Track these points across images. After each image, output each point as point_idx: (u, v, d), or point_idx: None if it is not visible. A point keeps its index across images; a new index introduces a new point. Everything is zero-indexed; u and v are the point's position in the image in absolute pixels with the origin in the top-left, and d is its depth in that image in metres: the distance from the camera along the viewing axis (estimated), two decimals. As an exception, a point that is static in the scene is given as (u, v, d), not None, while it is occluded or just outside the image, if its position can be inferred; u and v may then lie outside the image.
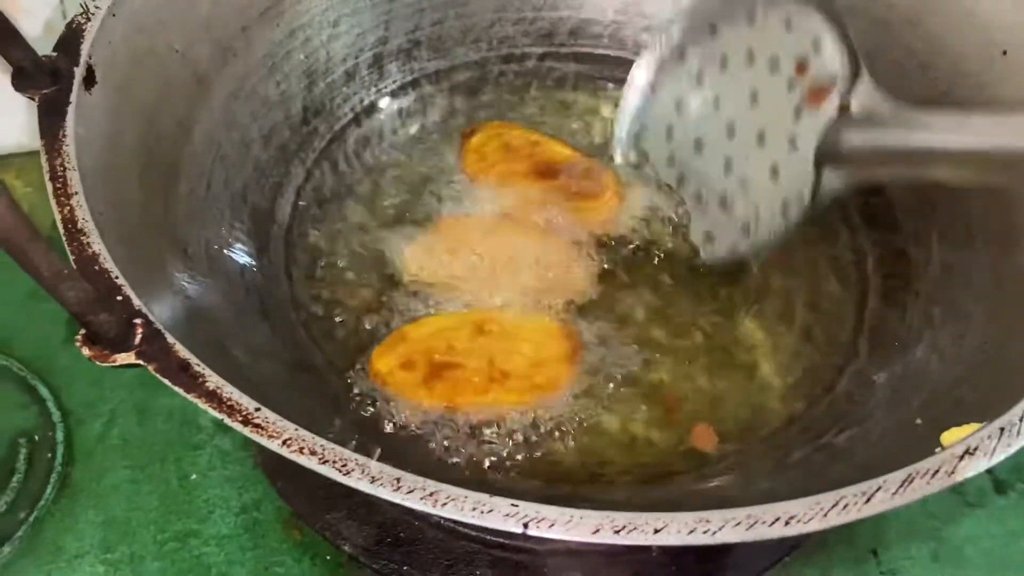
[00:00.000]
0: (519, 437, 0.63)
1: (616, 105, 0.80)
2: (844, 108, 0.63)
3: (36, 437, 0.72)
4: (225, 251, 0.67)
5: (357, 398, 0.64)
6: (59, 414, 0.73)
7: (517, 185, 0.76)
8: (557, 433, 0.63)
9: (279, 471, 0.69)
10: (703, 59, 0.73)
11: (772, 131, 0.68)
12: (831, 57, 0.64)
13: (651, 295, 0.70)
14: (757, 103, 0.69)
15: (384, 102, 0.85)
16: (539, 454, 0.62)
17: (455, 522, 0.65)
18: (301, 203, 0.76)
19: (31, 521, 0.68)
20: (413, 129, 0.84)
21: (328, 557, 0.67)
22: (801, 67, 0.66)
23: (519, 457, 0.62)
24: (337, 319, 0.69)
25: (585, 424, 0.64)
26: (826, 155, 0.63)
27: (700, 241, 0.73)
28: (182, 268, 0.59)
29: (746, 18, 0.70)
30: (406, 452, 0.61)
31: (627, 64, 0.86)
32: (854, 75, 0.62)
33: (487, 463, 0.62)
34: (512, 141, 0.80)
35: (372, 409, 0.63)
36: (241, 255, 0.68)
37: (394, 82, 0.86)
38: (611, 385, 0.65)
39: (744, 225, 0.70)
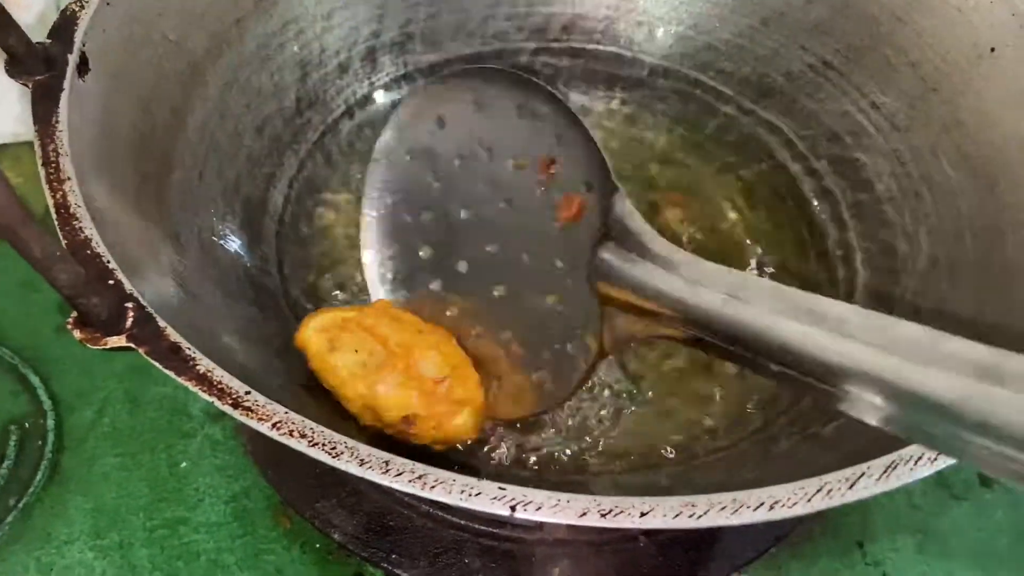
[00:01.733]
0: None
1: (608, 108, 0.80)
2: (607, 229, 0.56)
3: (27, 424, 0.72)
4: (217, 240, 0.67)
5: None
6: (50, 402, 0.73)
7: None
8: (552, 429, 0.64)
9: (269, 460, 0.70)
10: (437, 154, 0.66)
11: (538, 244, 0.61)
12: (575, 159, 0.59)
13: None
14: (514, 207, 0.63)
15: (377, 94, 0.85)
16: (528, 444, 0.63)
17: (444, 511, 0.66)
18: (294, 194, 0.77)
19: (21, 507, 0.68)
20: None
21: (317, 545, 0.67)
22: (547, 165, 0.60)
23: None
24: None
25: (571, 421, 0.64)
26: (598, 286, 0.57)
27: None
28: (174, 256, 0.59)
29: (472, 103, 0.63)
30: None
31: (620, 60, 0.87)
32: (608, 187, 0.57)
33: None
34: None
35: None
36: (233, 244, 0.68)
37: (387, 75, 0.86)
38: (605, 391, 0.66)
39: (539, 360, 0.62)
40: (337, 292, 0.70)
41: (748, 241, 0.74)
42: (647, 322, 0.54)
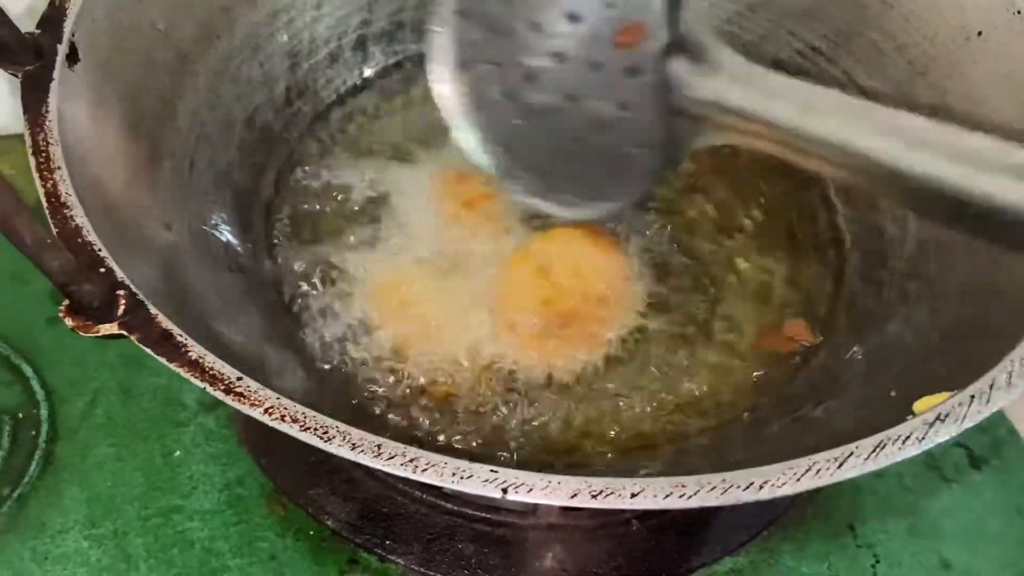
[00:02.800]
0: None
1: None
2: (676, 42, 0.58)
3: (20, 415, 0.72)
4: (209, 229, 0.67)
5: (340, 374, 0.65)
6: (43, 392, 0.73)
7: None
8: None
9: (263, 448, 0.70)
10: None
11: (603, 58, 0.62)
12: None
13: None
14: (578, 23, 0.63)
15: (368, 83, 0.85)
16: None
17: (437, 497, 0.67)
18: (284, 183, 0.77)
19: (15, 497, 0.68)
20: (397, 110, 0.84)
21: (311, 532, 0.67)
22: None
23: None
24: (319, 297, 0.69)
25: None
26: (670, 97, 0.59)
27: (578, 200, 0.68)
28: (166, 244, 0.60)
29: None
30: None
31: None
32: (672, 8, 0.58)
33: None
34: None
35: (356, 385, 0.64)
36: (224, 233, 0.68)
37: (377, 64, 0.86)
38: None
39: (606, 168, 0.65)
40: (328, 279, 0.70)
41: (740, 219, 0.75)
42: (718, 131, 0.57)
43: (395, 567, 0.66)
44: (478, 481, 0.39)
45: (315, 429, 0.41)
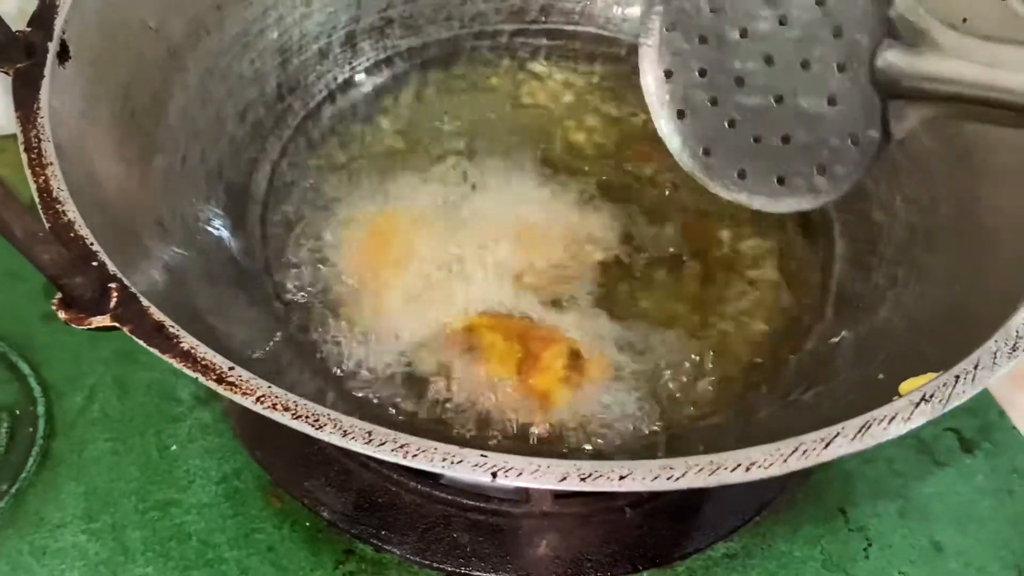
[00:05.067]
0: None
1: (588, 83, 0.82)
2: (889, 30, 0.59)
3: (17, 411, 0.72)
4: (201, 224, 0.67)
5: (332, 367, 0.66)
6: (40, 389, 0.73)
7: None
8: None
9: (258, 441, 0.70)
10: None
11: (815, 56, 0.64)
12: None
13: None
14: (788, 24, 0.65)
15: (358, 79, 0.86)
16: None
17: (432, 486, 0.67)
18: (276, 179, 0.77)
19: (13, 493, 0.68)
20: (387, 105, 0.84)
21: (307, 524, 0.68)
22: None
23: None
24: (311, 291, 0.70)
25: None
26: (886, 83, 0.60)
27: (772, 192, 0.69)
28: (158, 240, 0.60)
29: None
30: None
31: (597, 39, 0.88)
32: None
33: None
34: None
35: (346, 378, 0.65)
36: (217, 228, 0.69)
37: (368, 60, 0.87)
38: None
39: (814, 161, 0.67)
40: (320, 273, 0.71)
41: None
42: (939, 105, 0.58)
43: (391, 557, 0.66)
44: (468, 466, 0.40)
45: (306, 417, 0.41)
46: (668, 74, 0.71)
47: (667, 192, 0.77)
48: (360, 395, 0.64)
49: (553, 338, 0.67)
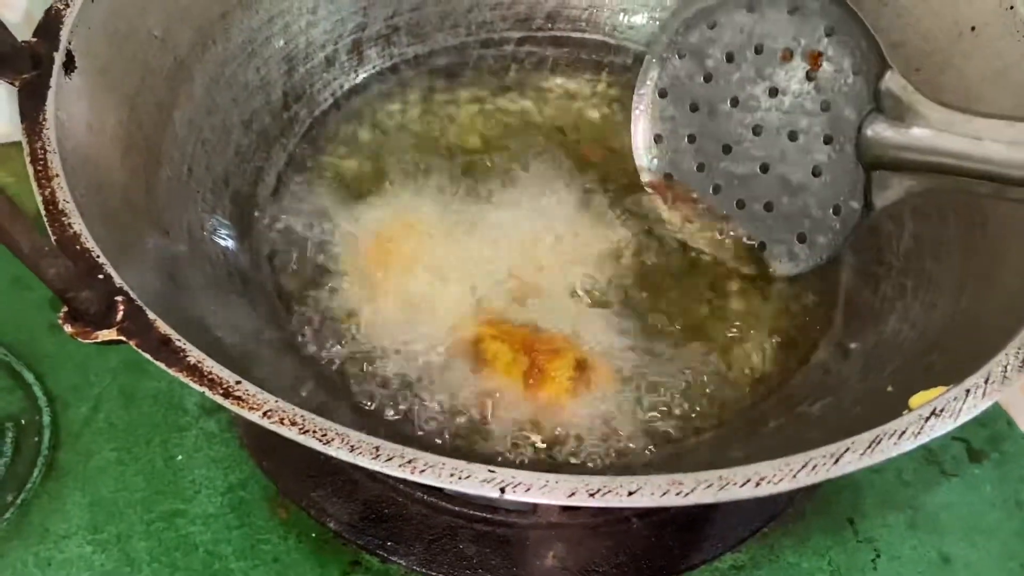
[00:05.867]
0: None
1: (594, 92, 0.82)
2: (876, 104, 0.63)
3: (22, 421, 0.72)
4: (207, 234, 0.67)
5: (337, 377, 0.65)
6: (45, 399, 0.73)
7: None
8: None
9: (264, 451, 0.70)
10: (707, 54, 0.72)
11: (803, 127, 0.68)
12: (845, 46, 0.64)
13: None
14: (778, 97, 0.69)
15: (364, 87, 0.86)
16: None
17: (438, 498, 0.67)
18: (282, 188, 0.77)
19: (18, 504, 0.68)
20: (393, 113, 0.84)
21: (313, 534, 0.68)
22: (815, 57, 0.66)
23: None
24: (316, 301, 0.69)
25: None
26: (871, 155, 0.63)
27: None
28: (164, 250, 0.60)
29: (746, 6, 0.69)
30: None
31: (604, 47, 0.87)
32: (879, 67, 0.62)
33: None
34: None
35: (353, 389, 0.64)
36: (223, 238, 0.69)
37: (374, 67, 0.86)
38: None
39: (796, 229, 0.70)
40: (326, 282, 0.70)
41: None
42: (923, 177, 0.61)
43: (397, 568, 0.66)
44: (476, 481, 0.40)
45: (314, 432, 0.41)
46: (658, 138, 0.76)
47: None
48: (365, 406, 0.64)
49: (559, 348, 0.66)
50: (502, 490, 0.39)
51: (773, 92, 0.69)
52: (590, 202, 0.75)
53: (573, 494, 0.39)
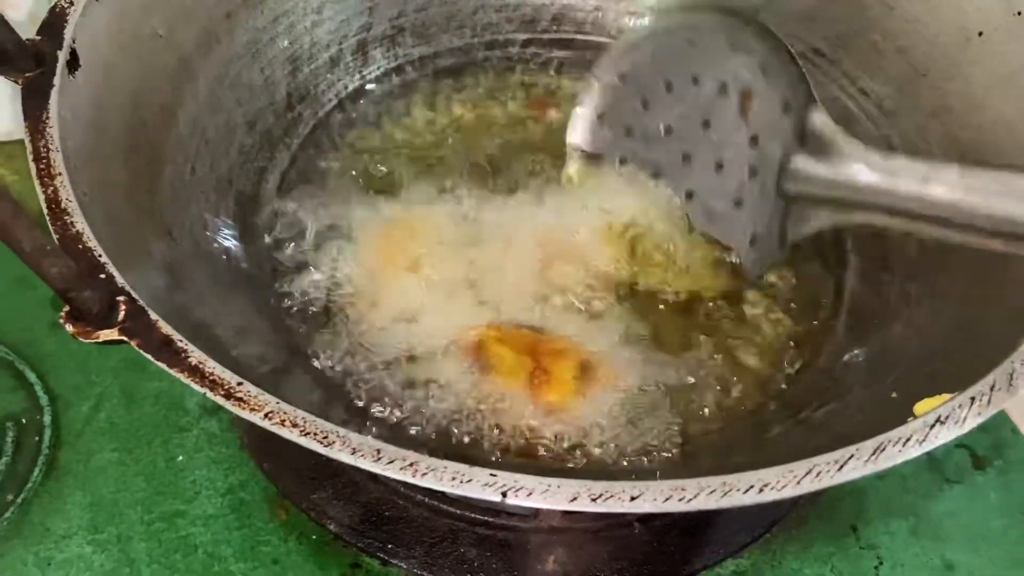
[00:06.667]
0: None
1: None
2: (800, 140, 0.63)
3: (23, 420, 0.72)
4: (210, 234, 0.67)
5: (340, 379, 0.65)
6: (46, 398, 0.73)
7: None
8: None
9: (265, 452, 0.70)
10: (646, 82, 0.73)
11: (730, 158, 0.69)
12: (777, 84, 0.65)
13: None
14: (710, 129, 0.70)
15: (369, 87, 0.85)
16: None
17: (439, 500, 0.67)
18: (285, 188, 0.77)
19: (19, 503, 0.68)
20: (398, 114, 0.84)
21: (314, 536, 0.67)
22: (747, 94, 0.67)
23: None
24: (320, 301, 0.69)
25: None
26: (791, 189, 0.64)
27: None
28: (167, 249, 0.60)
29: (686, 39, 0.71)
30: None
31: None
32: (807, 104, 0.63)
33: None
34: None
35: (356, 391, 0.64)
36: (226, 238, 0.68)
37: (378, 68, 0.86)
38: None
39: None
40: (331, 283, 0.70)
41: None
42: (838, 212, 0.62)
43: (397, 571, 0.66)
44: (477, 485, 0.39)
45: (315, 434, 0.41)
46: (594, 158, 0.77)
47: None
48: (368, 409, 0.64)
49: (563, 350, 0.66)
50: (504, 494, 0.39)
51: (706, 124, 0.70)
52: (595, 205, 0.75)
53: (575, 499, 0.39)
